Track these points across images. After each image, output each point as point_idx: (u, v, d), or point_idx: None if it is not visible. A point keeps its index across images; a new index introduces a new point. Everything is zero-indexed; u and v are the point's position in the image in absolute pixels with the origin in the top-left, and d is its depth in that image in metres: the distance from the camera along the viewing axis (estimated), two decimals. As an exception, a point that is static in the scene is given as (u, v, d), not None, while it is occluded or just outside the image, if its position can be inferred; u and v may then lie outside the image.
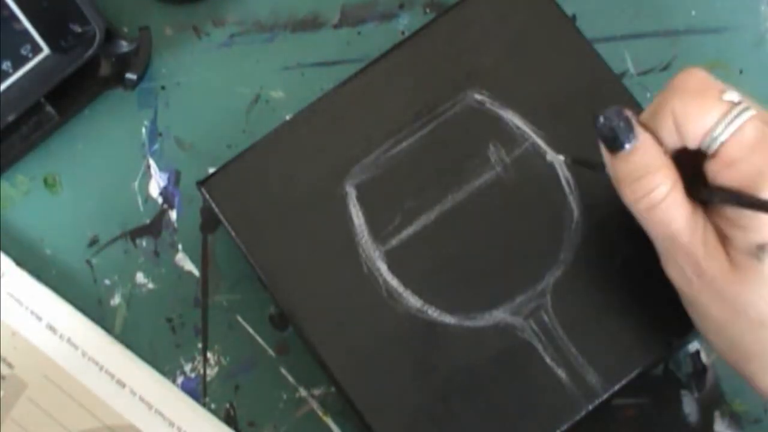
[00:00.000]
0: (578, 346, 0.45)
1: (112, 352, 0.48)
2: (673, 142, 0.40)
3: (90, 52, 0.48)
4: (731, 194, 0.39)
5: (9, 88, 0.49)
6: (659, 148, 0.40)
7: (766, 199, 0.38)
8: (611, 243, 0.46)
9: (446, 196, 0.47)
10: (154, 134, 0.51)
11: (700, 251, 0.40)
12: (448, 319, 0.46)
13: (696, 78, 0.40)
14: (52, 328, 0.48)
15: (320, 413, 0.48)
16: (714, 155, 0.40)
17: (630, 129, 0.40)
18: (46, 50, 0.49)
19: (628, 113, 0.41)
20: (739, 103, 0.40)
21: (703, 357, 0.49)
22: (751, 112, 0.39)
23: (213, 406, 0.48)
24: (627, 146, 0.40)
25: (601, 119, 0.41)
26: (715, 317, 0.41)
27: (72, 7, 0.47)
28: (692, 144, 0.40)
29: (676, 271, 0.41)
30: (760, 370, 0.41)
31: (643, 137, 0.41)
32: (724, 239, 0.40)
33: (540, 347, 0.45)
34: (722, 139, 0.39)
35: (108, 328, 0.49)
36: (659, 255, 0.42)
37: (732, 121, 0.39)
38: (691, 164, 0.41)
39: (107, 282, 0.50)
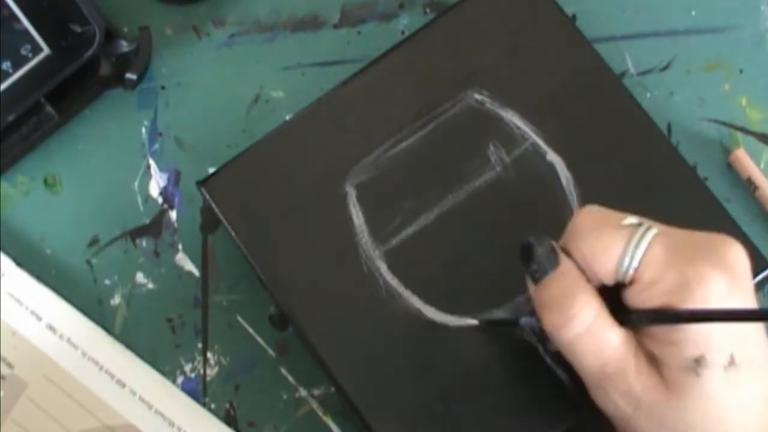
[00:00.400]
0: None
1: (112, 352, 0.48)
2: (591, 281, 0.40)
3: (90, 52, 0.48)
4: (657, 314, 0.38)
5: (9, 88, 0.49)
6: (580, 274, 0.40)
7: (692, 310, 0.37)
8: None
9: (446, 196, 0.47)
10: (154, 134, 0.51)
11: (634, 380, 0.39)
12: (448, 319, 0.46)
13: (591, 215, 0.40)
14: (52, 328, 0.48)
15: (320, 413, 0.48)
16: (631, 282, 0.39)
17: (554, 256, 0.40)
18: (46, 50, 0.49)
19: (551, 242, 0.40)
20: (639, 224, 0.39)
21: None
22: (654, 231, 0.39)
23: (213, 406, 0.48)
24: (550, 272, 0.40)
25: (524, 249, 0.40)
26: None
27: (72, 7, 0.47)
28: (608, 279, 0.39)
29: (609, 403, 0.40)
30: None
31: (564, 263, 0.40)
32: (654, 361, 0.39)
33: (540, 347, 0.45)
34: (634, 264, 0.38)
35: (108, 328, 0.49)
36: (587, 387, 0.41)
37: (637, 244, 0.38)
38: (612, 296, 0.40)
39: (107, 282, 0.50)
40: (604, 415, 0.41)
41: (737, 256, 0.38)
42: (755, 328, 0.39)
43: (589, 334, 0.39)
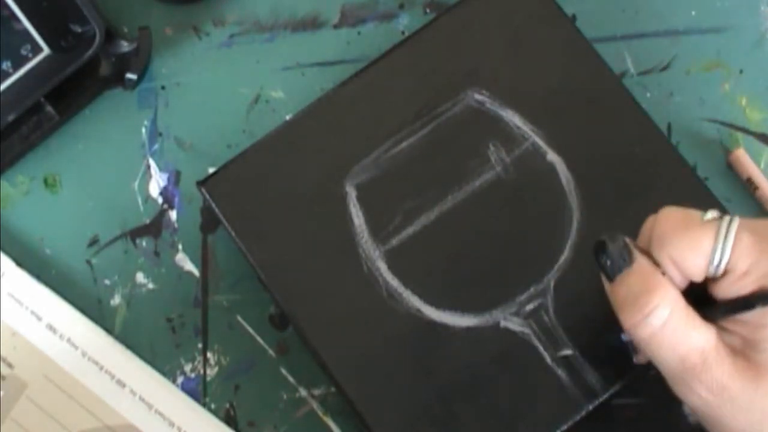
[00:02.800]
0: (578, 346, 0.45)
1: (112, 352, 0.48)
2: (679, 283, 0.40)
3: (90, 52, 0.48)
4: (752, 298, 0.38)
5: (9, 88, 0.49)
6: (656, 269, 0.40)
7: None
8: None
9: (446, 196, 0.47)
10: (154, 134, 0.51)
11: (718, 371, 0.39)
12: (448, 319, 0.46)
13: (672, 217, 0.40)
14: (52, 328, 0.48)
15: (320, 413, 0.48)
16: (725, 275, 0.39)
17: (628, 254, 0.40)
18: (46, 50, 0.49)
19: (627, 240, 0.41)
20: (721, 217, 0.39)
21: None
22: (737, 220, 0.39)
23: (213, 406, 0.48)
24: (624, 270, 0.40)
25: (600, 248, 0.41)
26: (739, 428, 0.39)
27: (72, 7, 0.47)
28: (699, 277, 0.40)
29: (691, 395, 0.40)
30: None
31: (639, 259, 0.40)
32: (738, 350, 0.39)
33: (540, 347, 0.45)
34: (726, 256, 0.39)
35: (108, 328, 0.49)
36: (668, 382, 0.41)
37: (726, 236, 0.39)
38: (698, 293, 0.40)
39: (107, 282, 0.50)
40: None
41: None
42: None
43: (667, 329, 0.39)
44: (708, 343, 0.39)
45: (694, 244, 0.39)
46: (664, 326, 0.39)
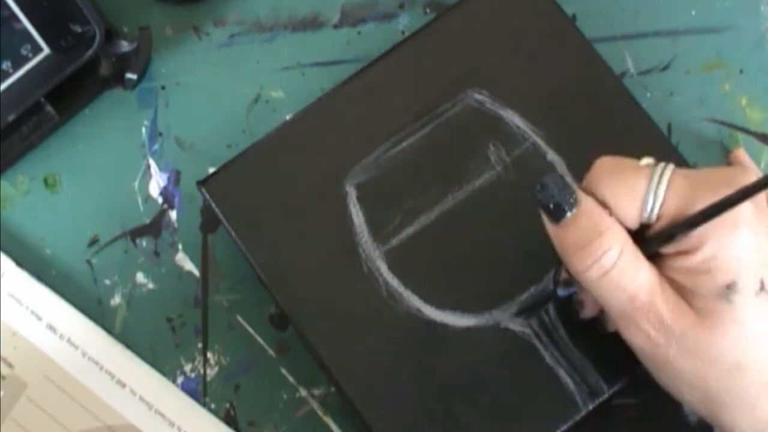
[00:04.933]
0: (579, 346, 0.45)
1: (112, 352, 0.48)
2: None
3: (90, 52, 0.48)
4: (680, 224, 0.38)
5: (9, 88, 0.49)
6: (603, 210, 0.39)
7: (710, 205, 0.37)
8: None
9: (446, 196, 0.47)
10: (154, 134, 0.51)
11: (664, 308, 0.39)
12: (449, 319, 0.46)
13: (608, 161, 0.40)
14: (52, 328, 0.48)
15: (320, 413, 0.48)
16: (659, 219, 0.39)
17: (571, 194, 0.39)
18: (46, 50, 0.49)
19: (567, 179, 0.40)
20: (657, 163, 0.39)
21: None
22: (672, 167, 0.39)
23: (213, 406, 0.48)
24: (569, 213, 0.39)
25: (539, 187, 0.39)
26: (686, 372, 0.39)
27: (72, 7, 0.47)
28: (633, 223, 0.39)
29: (638, 335, 0.40)
30: (738, 417, 0.39)
31: (585, 201, 0.39)
32: (684, 292, 0.39)
33: (540, 347, 0.45)
34: (659, 201, 0.38)
35: (108, 328, 0.49)
36: (615, 322, 0.40)
37: (659, 181, 0.39)
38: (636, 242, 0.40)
39: (107, 282, 0.50)
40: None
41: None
42: None
43: (616, 269, 0.39)
44: (654, 282, 0.39)
45: (628, 186, 0.39)
46: (613, 267, 0.39)
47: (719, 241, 0.38)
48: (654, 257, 0.40)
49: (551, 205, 0.39)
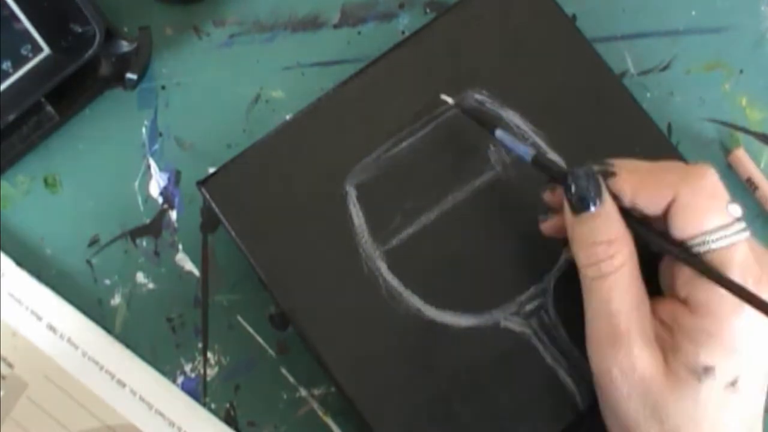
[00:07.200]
0: (579, 346, 0.45)
1: (112, 352, 0.48)
2: (645, 208, 0.40)
3: (90, 52, 0.48)
4: (700, 264, 0.39)
5: (9, 88, 0.49)
6: (621, 219, 0.40)
7: (735, 283, 0.38)
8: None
9: (446, 196, 0.47)
10: (154, 134, 0.51)
11: (636, 343, 0.39)
12: (448, 319, 0.46)
13: (712, 180, 0.40)
14: (52, 328, 0.48)
15: (320, 413, 0.48)
16: (701, 254, 0.39)
17: (598, 192, 0.40)
18: (46, 50, 0.49)
19: (599, 176, 0.40)
20: (740, 219, 0.39)
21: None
22: (746, 234, 0.39)
23: (213, 406, 0.48)
24: (592, 209, 0.40)
25: (571, 178, 0.40)
26: (625, 413, 0.40)
27: (72, 7, 0.47)
28: (683, 233, 0.39)
29: (600, 354, 0.40)
30: None
31: (608, 203, 0.40)
32: (666, 340, 0.40)
33: (540, 347, 0.45)
34: (713, 247, 0.39)
35: (108, 328, 0.49)
36: (592, 344, 0.41)
37: (729, 236, 0.39)
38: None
39: (107, 282, 0.50)
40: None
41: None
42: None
43: (611, 280, 0.40)
44: (639, 313, 0.39)
45: (707, 213, 0.39)
46: (609, 275, 0.40)
47: (720, 324, 0.38)
48: (660, 292, 0.40)
49: (577, 196, 0.40)
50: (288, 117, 0.50)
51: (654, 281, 0.42)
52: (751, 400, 0.39)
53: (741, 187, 0.51)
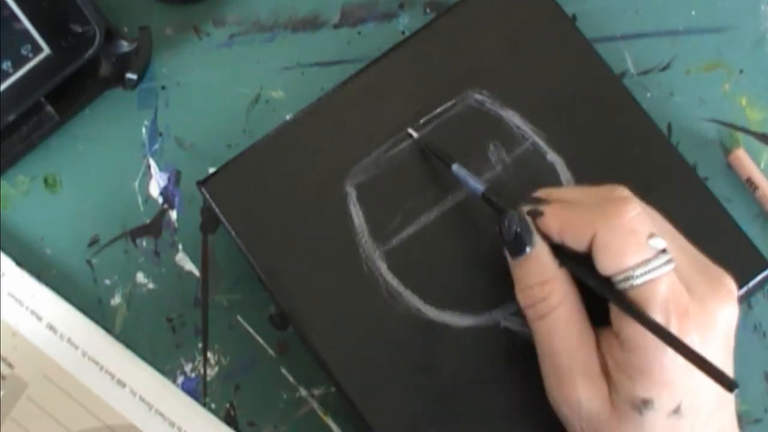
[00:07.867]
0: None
1: (112, 352, 0.48)
2: (572, 245, 0.40)
3: (90, 52, 0.48)
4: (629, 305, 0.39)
5: (9, 88, 0.49)
6: (553, 259, 0.41)
7: (676, 340, 0.37)
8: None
9: (446, 196, 0.47)
10: (154, 134, 0.51)
11: (580, 380, 0.40)
12: (448, 319, 0.46)
13: (630, 216, 0.40)
14: (52, 328, 0.48)
15: (320, 413, 0.48)
16: (625, 291, 0.39)
17: (529, 235, 0.41)
18: (46, 50, 0.49)
19: (529, 220, 0.41)
20: (663, 251, 0.39)
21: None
22: (670, 267, 0.39)
23: (213, 406, 0.48)
24: (525, 251, 0.41)
25: (504, 221, 0.42)
26: None
27: (72, 7, 0.47)
28: (605, 271, 0.39)
29: (549, 392, 0.41)
30: None
31: (538, 245, 0.41)
32: (610, 377, 0.40)
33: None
34: (636, 283, 0.39)
35: (108, 328, 0.49)
36: (543, 371, 0.42)
37: (651, 270, 0.39)
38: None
39: (107, 282, 0.50)
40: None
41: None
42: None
43: (548, 320, 0.41)
44: (582, 349, 0.40)
45: (626, 252, 0.39)
46: (546, 316, 0.41)
47: (648, 360, 0.38)
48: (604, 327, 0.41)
49: (510, 241, 0.42)
50: (288, 117, 0.50)
51: (606, 312, 0.42)
52: (700, 419, 0.39)
53: (741, 187, 0.51)
